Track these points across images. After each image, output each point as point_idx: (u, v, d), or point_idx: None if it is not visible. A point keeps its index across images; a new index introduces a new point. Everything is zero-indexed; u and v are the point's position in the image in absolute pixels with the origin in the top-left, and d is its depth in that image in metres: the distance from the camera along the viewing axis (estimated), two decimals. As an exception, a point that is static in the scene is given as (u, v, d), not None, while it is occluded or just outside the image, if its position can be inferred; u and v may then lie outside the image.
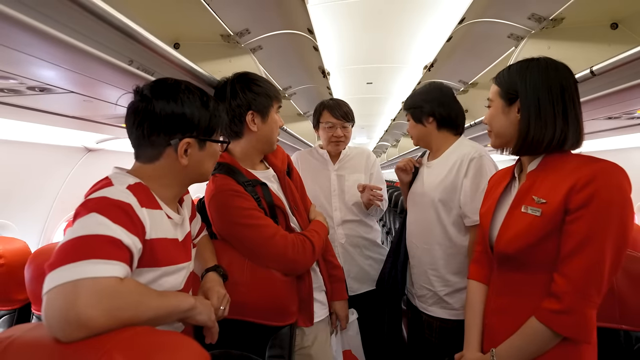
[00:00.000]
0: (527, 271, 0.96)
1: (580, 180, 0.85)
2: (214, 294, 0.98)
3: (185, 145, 0.86)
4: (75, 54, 0.76)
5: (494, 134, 1.06)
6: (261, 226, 1.14)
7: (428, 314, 1.47)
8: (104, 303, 0.61)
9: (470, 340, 1.09)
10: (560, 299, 0.86)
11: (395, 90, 3.66)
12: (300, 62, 2.66)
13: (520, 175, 1.07)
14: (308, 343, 1.28)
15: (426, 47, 2.44)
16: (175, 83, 0.87)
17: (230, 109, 1.19)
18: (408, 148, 5.97)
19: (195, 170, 0.92)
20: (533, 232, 0.92)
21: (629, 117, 1.60)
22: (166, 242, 0.85)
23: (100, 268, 0.63)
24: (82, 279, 0.61)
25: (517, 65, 0.99)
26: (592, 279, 0.84)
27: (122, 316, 0.63)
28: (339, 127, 1.76)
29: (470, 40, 2.17)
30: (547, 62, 0.96)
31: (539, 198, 0.93)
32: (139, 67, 0.92)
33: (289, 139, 3.33)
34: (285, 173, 1.36)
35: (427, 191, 1.47)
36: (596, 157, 0.90)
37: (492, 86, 1.05)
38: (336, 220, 1.79)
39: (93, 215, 0.69)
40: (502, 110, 1.01)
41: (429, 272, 1.46)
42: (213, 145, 0.94)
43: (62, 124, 1.38)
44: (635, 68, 1.05)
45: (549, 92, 0.93)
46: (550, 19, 1.70)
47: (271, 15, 1.89)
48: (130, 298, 0.66)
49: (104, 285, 0.62)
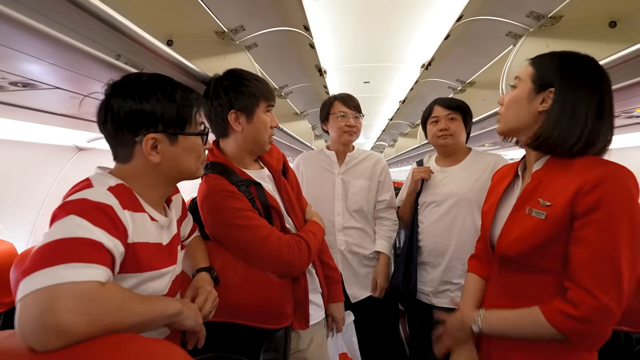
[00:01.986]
0: (529, 274, 0.93)
1: (587, 183, 0.82)
2: (204, 292, 0.95)
3: (152, 141, 0.81)
4: (59, 47, 0.73)
5: (504, 119, 1.00)
6: (255, 227, 1.12)
7: (447, 307, 1.52)
8: (85, 308, 0.57)
9: (465, 301, 1.12)
10: (578, 307, 0.81)
11: (393, 90, 3.63)
12: (297, 60, 2.64)
13: (523, 173, 1.04)
14: (304, 346, 1.25)
15: (424, 46, 2.42)
16: (136, 77, 0.83)
17: (212, 108, 1.17)
18: (405, 148, 5.96)
19: (172, 167, 0.86)
20: (537, 235, 0.88)
21: (627, 116, 1.59)
22: (149, 246, 0.81)
23: (80, 272, 0.60)
24: (60, 284, 0.57)
25: (560, 55, 0.92)
26: (610, 289, 0.79)
27: (104, 322, 0.59)
28: (351, 117, 1.74)
29: (468, 38, 2.15)
30: (592, 63, 0.90)
31: (544, 200, 0.89)
32: (127, 62, 0.88)
33: (286, 138, 3.30)
34: (280, 173, 1.33)
35: (461, 193, 1.58)
36: (604, 159, 0.87)
37: (527, 67, 0.97)
38: (337, 225, 1.76)
39: (71, 217, 0.65)
40: (528, 94, 0.94)
41: (459, 268, 1.57)
42: (188, 139, 0.87)
43: (49, 122, 1.35)
44: (634, 66, 1.03)
45: (589, 94, 0.87)
46: (549, 16, 1.68)
47: (266, 11, 1.86)
48: (113, 303, 0.62)
49: (84, 290, 0.59)
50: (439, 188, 1.65)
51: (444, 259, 1.60)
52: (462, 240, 1.56)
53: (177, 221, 1.02)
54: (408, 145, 5.83)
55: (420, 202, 1.71)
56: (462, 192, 1.58)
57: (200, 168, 0.93)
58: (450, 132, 1.62)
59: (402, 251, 1.72)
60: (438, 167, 1.71)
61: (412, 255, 1.67)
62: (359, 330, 1.56)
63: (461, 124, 1.63)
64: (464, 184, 1.60)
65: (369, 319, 1.75)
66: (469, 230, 1.55)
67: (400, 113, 4.67)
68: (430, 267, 1.64)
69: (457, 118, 1.63)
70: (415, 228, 1.70)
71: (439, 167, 1.71)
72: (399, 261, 1.72)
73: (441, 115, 1.64)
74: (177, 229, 1.01)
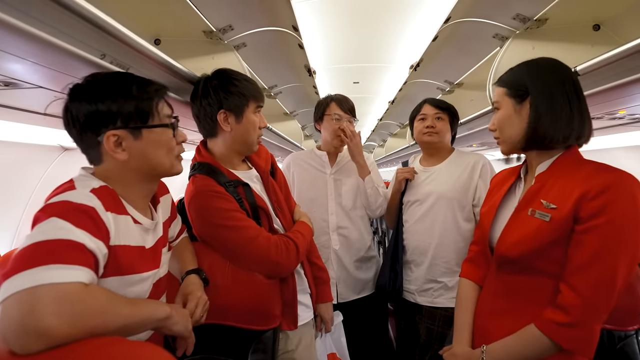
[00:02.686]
0: (528, 275, 0.93)
1: (593, 189, 0.82)
2: (194, 298, 0.94)
3: (114, 138, 0.79)
4: (43, 47, 0.72)
5: (503, 140, 1.01)
6: (243, 228, 1.11)
7: (431, 306, 1.59)
8: (67, 310, 0.57)
9: (459, 337, 1.07)
10: (568, 312, 0.83)
11: (382, 90, 3.65)
12: (286, 60, 2.63)
13: (526, 176, 1.04)
14: (292, 347, 1.25)
15: (412, 47, 2.44)
16: (92, 78, 0.81)
17: (201, 107, 1.16)
18: (395, 148, 5.99)
19: (143, 164, 0.83)
20: (539, 237, 0.88)
21: (611, 118, 1.62)
22: (130, 249, 0.80)
23: (62, 273, 0.59)
24: (42, 285, 0.56)
25: (520, 65, 0.96)
26: (602, 294, 0.81)
27: (87, 324, 0.58)
28: (346, 120, 1.74)
29: (455, 39, 2.18)
30: (550, 60, 0.94)
31: (548, 202, 0.89)
32: (113, 62, 0.87)
33: (275, 138, 3.29)
34: (268, 173, 1.32)
35: (441, 191, 1.61)
36: (611, 166, 0.87)
37: (496, 89, 1.01)
38: (332, 225, 1.76)
39: (53, 219, 0.65)
40: (514, 109, 0.96)
41: (442, 266, 1.59)
42: (153, 132, 0.83)
43: (32, 121, 1.32)
44: (617, 69, 1.05)
45: (562, 86, 0.90)
46: (535, 19, 1.71)
47: (255, 11, 1.85)
48: (96, 305, 0.61)
49: (66, 291, 0.58)
50: (421, 187, 1.69)
51: (426, 257, 1.62)
52: (443, 238, 1.59)
53: (165, 222, 1.01)
54: (397, 146, 5.87)
55: (404, 201, 1.74)
56: (442, 190, 1.61)
57: (176, 163, 0.90)
58: (436, 130, 1.65)
59: (388, 251, 1.74)
60: (421, 167, 1.74)
61: (397, 254, 1.70)
62: (347, 330, 1.56)
63: (447, 124, 1.67)
64: (445, 182, 1.63)
65: (358, 319, 1.75)
66: (449, 229, 1.58)
67: (390, 113, 4.70)
68: (414, 266, 1.66)
69: (444, 118, 1.66)
70: (400, 227, 1.73)
71: (422, 167, 1.74)
72: (385, 261, 1.74)
73: (429, 113, 1.67)
74: (165, 231, 1.00)
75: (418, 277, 1.64)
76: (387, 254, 1.73)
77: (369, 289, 1.81)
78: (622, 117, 1.62)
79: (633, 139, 2.25)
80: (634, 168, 2.40)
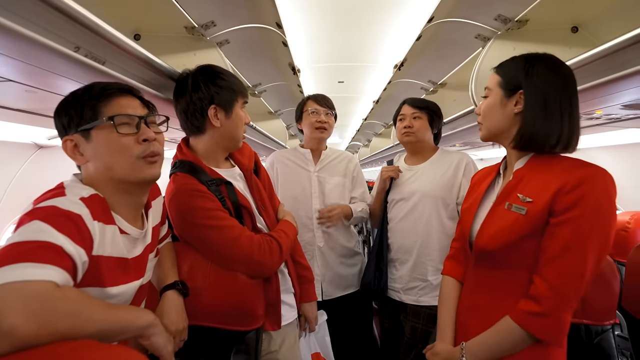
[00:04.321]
0: (504, 269, 0.95)
1: (569, 183, 0.85)
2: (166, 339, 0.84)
3: (70, 144, 0.80)
4: (11, 37, 0.68)
5: (485, 126, 1.03)
6: (225, 227, 1.09)
7: (416, 305, 1.60)
8: (34, 309, 0.54)
9: (442, 335, 1.08)
10: (540, 302, 0.85)
11: (367, 90, 3.66)
12: (270, 58, 2.60)
13: (504, 172, 1.07)
14: (275, 347, 1.24)
15: (396, 46, 2.45)
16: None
17: (191, 102, 1.13)
18: (379, 147, 6.02)
19: (102, 168, 0.80)
20: (515, 230, 0.91)
21: (588, 118, 1.66)
22: (113, 261, 0.78)
23: (32, 272, 0.57)
24: (9, 283, 0.54)
25: (522, 57, 0.96)
26: (572, 284, 0.84)
27: (57, 326, 0.56)
28: (322, 113, 1.77)
29: (439, 40, 2.19)
30: (555, 60, 0.94)
31: (524, 196, 0.91)
32: (87, 55, 0.84)
33: (259, 137, 3.26)
34: (252, 171, 1.30)
35: (425, 190, 1.63)
36: (586, 161, 0.90)
37: (492, 75, 1.02)
38: (316, 222, 1.76)
39: (35, 222, 0.63)
40: (500, 102, 0.98)
41: (427, 264, 1.60)
42: (100, 131, 0.79)
43: (2, 117, 1.26)
44: (594, 69, 1.07)
45: (558, 90, 0.90)
46: (516, 20, 1.73)
47: (238, 7, 1.82)
48: (67, 306, 0.58)
49: (34, 290, 0.55)
50: (406, 186, 1.70)
51: (411, 256, 1.63)
52: (427, 236, 1.60)
53: (155, 227, 0.99)
54: (382, 145, 5.90)
55: (389, 199, 1.75)
56: (426, 189, 1.63)
57: (143, 166, 0.83)
58: (413, 130, 1.67)
59: (373, 249, 1.75)
60: (406, 166, 1.76)
61: (382, 253, 1.71)
62: (332, 329, 1.56)
63: (425, 122, 1.68)
64: (429, 181, 1.64)
65: (342, 317, 1.75)
66: (434, 227, 1.60)
67: (375, 113, 4.71)
68: (399, 264, 1.68)
69: (421, 117, 1.68)
70: (385, 226, 1.74)
71: (407, 166, 1.75)
72: (370, 259, 1.74)
73: (407, 113, 1.70)
74: (154, 237, 0.98)
75: (403, 276, 1.65)
76: (372, 252, 1.74)
77: (354, 286, 1.82)
78: (598, 117, 1.67)
79: (609, 139, 2.31)
80: (610, 167, 2.48)
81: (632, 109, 1.43)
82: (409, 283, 1.63)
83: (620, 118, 1.65)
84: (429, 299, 1.58)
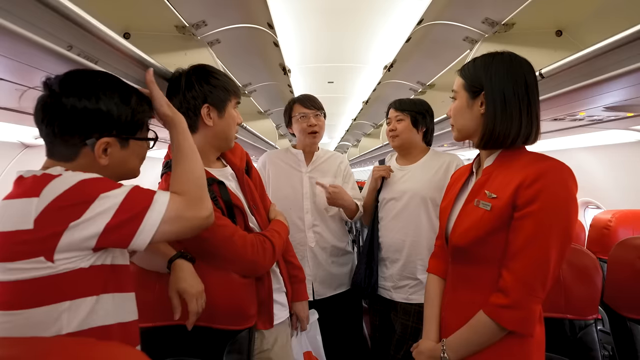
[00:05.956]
0: (477, 265, 0.98)
1: (528, 177, 0.88)
2: (191, 298, 0.98)
3: (104, 145, 0.80)
4: (1, 35, 0.67)
5: (456, 128, 1.06)
6: (218, 226, 1.09)
7: (406, 302, 1.62)
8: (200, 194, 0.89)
9: (427, 332, 1.11)
10: (507, 294, 0.89)
11: (356, 90, 3.68)
12: (260, 58, 2.60)
13: (477, 170, 1.10)
14: (268, 346, 1.24)
15: (386, 47, 2.48)
16: (89, 75, 0.80)
17: (184, 101, 1.13)
18: (369, 148, 6.06)
19: (118, 169, 0.86)
20: (482, 225, 0.94)
21: (572, 119, 1.71)
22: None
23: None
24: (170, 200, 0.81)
25: (481, 58, 1.00)
26: (537, 274, 0.87)
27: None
28: (311, 116, 1.76)
29: (428, 42, 2.23)
30: (512, 56, 0.97)
31: (490, 193, 0.95)
32: (80, 54, 0.83)
33: (250, 137, 3.25)
34: (244, 171, 1.31)
35: (416, 190, 1.65)
36: (546, 155, 0.93)
37: (457, 79, 1.05)
38: (307, 223, 1.77)
39: (103, 195, 0.73)
40: (467, 103, 1.01)
41: (417, 263, 1.62)
42: (138, 144, 0.88)
43: (-10, 116, 1.24)
44: (577, 72, 1.11)
45: (514, 86, 0.93)
46: (502, 23, 1.78)
47: (229, 7, 1.82)
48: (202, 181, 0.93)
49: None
50: (397, 185, 1.72)
51: (402, 255, 1.65)
52: (418, 235, 1.62)
53: None
54: (371, 146, 5.93)
55: (380, 199, 1.77)
56: (417, 189, 1.65)
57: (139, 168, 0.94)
58: (396, 133, 1.71)
59: (364, 248, 1.77)
60: (398, 166, 1.78)
61: (373, 251, 1.72)
62: (323, 328, 1.57)
63: (408, 124, 1.70)
64: (420, 181, 1.67)
65: (333, 316, 1.77)
66: (424, 226, 1.62)
67: (364, 113, 4.74)
68: (389, 263, 1.70)
69: (404, 119, 1.70)
70: (376, 225, 1.76)
71: (398, 166, 1.78)
72: (360, 258, 1.76)
73: (391, 116, 1.74)
74: None
75: (393, 274, 1.67)
76: (363, 251, 1.76)
77: (346, 285, 1.83)
78: (582, 119, 1.71)
79: (592, 139, 2.37)
80: (593, 168, 2.54)
81: (613, 111, 1.48)
82: (399, 281, 1.65)
83: (602, 119, 1.70)
84: (419, 296, 1.60)
